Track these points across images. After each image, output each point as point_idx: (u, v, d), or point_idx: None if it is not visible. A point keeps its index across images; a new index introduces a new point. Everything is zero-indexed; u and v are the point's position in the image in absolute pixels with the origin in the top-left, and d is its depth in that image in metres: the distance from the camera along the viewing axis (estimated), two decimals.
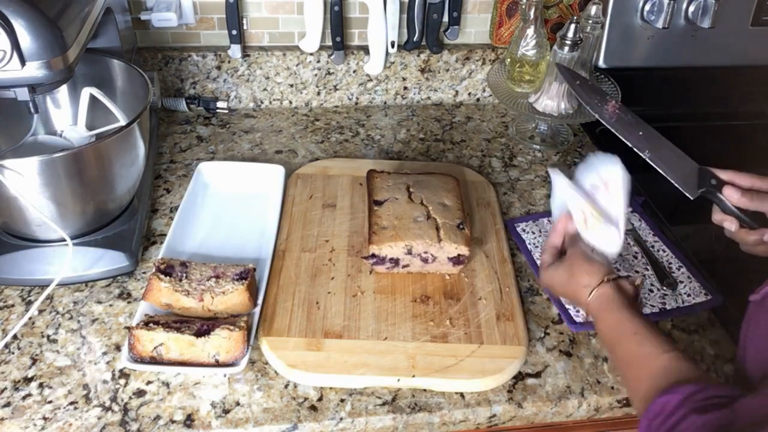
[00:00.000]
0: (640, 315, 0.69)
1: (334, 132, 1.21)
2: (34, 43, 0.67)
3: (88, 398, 0.72)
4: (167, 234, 0.90)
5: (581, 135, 1.23)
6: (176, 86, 1.23)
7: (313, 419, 0.71)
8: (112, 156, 0.82)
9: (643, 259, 0.92)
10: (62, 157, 0.76)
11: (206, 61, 1.21)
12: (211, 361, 0.73)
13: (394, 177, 0.95)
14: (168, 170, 1.08)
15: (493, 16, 1.25)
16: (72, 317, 0.81)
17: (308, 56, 1.22)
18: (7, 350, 0.77)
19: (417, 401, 0.74)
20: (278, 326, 0.79)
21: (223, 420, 0.71)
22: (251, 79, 1.24)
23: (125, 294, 0.85)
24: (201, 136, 1.18)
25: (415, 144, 1.19)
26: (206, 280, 0.80)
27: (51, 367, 0.75)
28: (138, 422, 0.70)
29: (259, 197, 1.00)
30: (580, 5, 1.24)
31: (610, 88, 1.18)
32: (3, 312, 0.82)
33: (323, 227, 0.95)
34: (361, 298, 0.84)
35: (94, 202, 0.84)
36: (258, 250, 0.90)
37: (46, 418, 0.70)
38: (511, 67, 1.19)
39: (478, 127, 1.25)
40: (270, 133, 1.20)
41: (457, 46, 1.27)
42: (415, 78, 1.28)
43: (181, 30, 1.20)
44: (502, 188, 1.08)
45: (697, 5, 1.19)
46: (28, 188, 0.76)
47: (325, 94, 1.27)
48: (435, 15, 1.20)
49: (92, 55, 0.93)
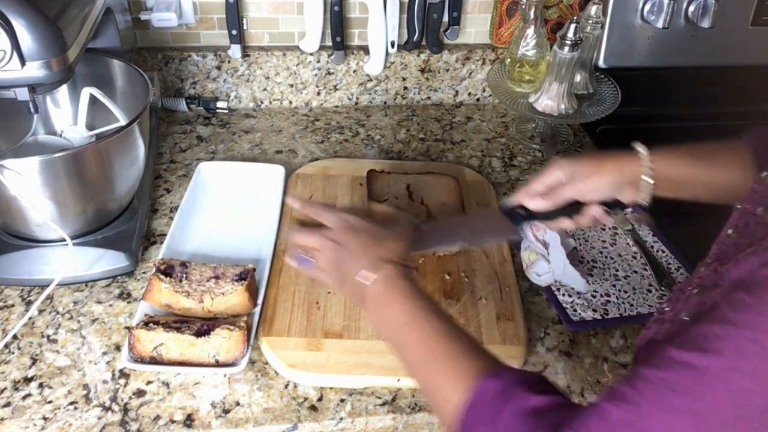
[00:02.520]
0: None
1: (334, 132, 1.21)
2: (34, 43, 0.67)
3: (88, 398, 0.72)
4: (167, 234, 0.90)
5: (581, 135, 1.23)
6: (176, 86, 1.23)
7: (313, 419, 0.71)
8: (112, 156, 0.82)
9: (642, 259, 0.92)
10: (62, 157, 0.76)
11: (206, 61, 1.21)
12: (211, 361, 0.73)
13: (394, 177, 0.95)
14: (168, 170, 1.08)
15: (493, 16, 1.25)
16: (72, 317, 0.81)
17: (308, 56, 1.22)
18: (7, 350, 0.77)
19: (417, 401, 0.74)
20: (278, 326, 0.79)
21: (223, 420, 0.71)
22: (251, 79, 1.24)
23: (125, 294, 0.85)
24: (201, 136, 1.18)
25: (415, 144, 1.19)
26: (206, 280, 0.80)
27: (51, 367, 0.75)
28: (138, 422, 0.70)
29: (259, 197, 1.00)
30: (580, 5, 1.24)
31: (609, 88, 1.18)
32: (3, 312, 0.82)
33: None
34: None
35: (94, 202, 0.84)
36: (258, 250, 0.90)
37: (46, 418, 0.70)
38: (511, 67, 1.19)
39: (478, 127, 1.25)
40: (270, 133, 1.20)
41: (457, 46, 1.27)
42: (415, 78, 1.28)
43: (181, 30, 1.20)
44: (502, 188, 1.08)
45: (697, 5, 1.19)
46: (28, 188, 0.76)
47: (325, 94, 1.27)
48: (435, 15, 1.20)
49: (92, 55, 0.93)
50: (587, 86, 1.16)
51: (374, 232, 0.72)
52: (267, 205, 0.98)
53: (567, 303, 0.85)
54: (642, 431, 0.42)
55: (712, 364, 0.40)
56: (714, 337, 0.40)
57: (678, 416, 0.41)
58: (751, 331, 0.39)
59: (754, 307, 0.40)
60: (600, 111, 1.12)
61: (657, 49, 1.26)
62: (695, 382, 0.40)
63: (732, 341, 0.39)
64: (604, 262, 0.92)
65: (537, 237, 0.85)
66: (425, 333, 0.60)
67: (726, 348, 0.40)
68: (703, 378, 0.40)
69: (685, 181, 0.74)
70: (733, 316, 0.40)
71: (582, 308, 0.85)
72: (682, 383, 0.41)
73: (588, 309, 0.84)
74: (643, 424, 0.42)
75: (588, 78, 1.15)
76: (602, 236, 0.97)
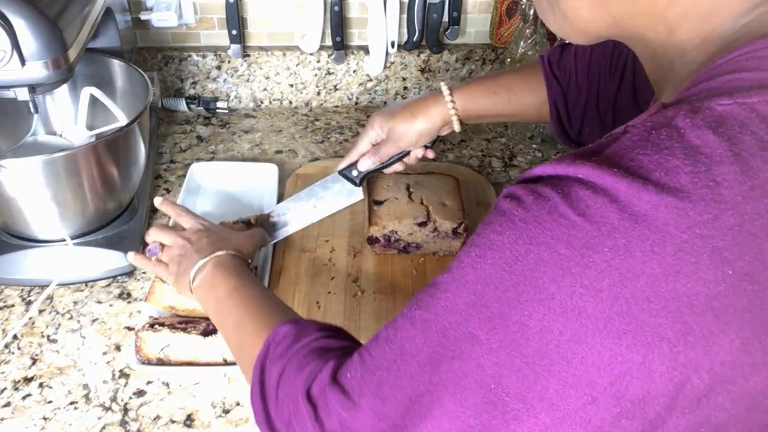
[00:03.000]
0: None
1: (334, 132, 1.21)
2: (34, 43, 0.67)
3: (88, 398, 0.72)
4: None
5: None
6: (176, 86, 1.23)
7: None
8: (112, 156, 0.82)
9: None
10: (62, 157, 0.76)
11: (206, 61, 1.21)
12: (219, 361, 0.73)
13: (394, 177, 0.95)
14: (168, 170, 1.08)
15: (493, 16, 1.25)
16: (72, 317, 0.81)
17: (308, 56, 1.22)
18: (7, 350, 0.77)
19: None
20: None
21: (223, 420, 0.71)
22: (251, 79, 1.24)
23: (125, 294, 0.85)
24: (201, 136, 1.18)
25: None
26: None
27: (51, 367, 0.75)
28: (138, 422, 0.70)
29: (255, 197, 1.00)
30: None
31: None
32: (3, 312, 0.82)
33: (323, 227, 0.95)
34: (361, 298, 0.84)
35: (94, 202, 0.84)
36: None
37: (46, 418, 0.70)
38: (511, 67, 1.18)
39: (478, 127, 1.25)
40: (270, 133, 1.20)
41: (457, 46, 1.27)
42: (415, 78, 1.28)
43: (181, 30, 1.20)
44: (502, 188, 1.07)
45: None
46: (28, 188, 0.76)
47: (325, 94, 1.27)
48: (435, 15, 1.20)
49: (92, 55, 0.93)
50: None
51: (224, 233, 0.78)
52: (263, 204, 0.98)
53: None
54: (392, 342, 0.44)
55: (444, 278, 0.43)
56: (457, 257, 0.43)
57: (415, 326, 0.43)
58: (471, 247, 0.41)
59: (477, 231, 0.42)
60: None
61: None
62: (430, 294, 0.43)
63: (459, 258, 0.42)
64: None
65: None
66: (241, 300, 0.65)
67: (454, 265, 0.42)
68: (436, 290, 0.42)
69: (487, 114, 0.84)
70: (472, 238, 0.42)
71: None
72: (422, 297, 0.44)
73: None
74: (395, 336, 0.44)
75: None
76: None
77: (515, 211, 0.38)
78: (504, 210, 0.39)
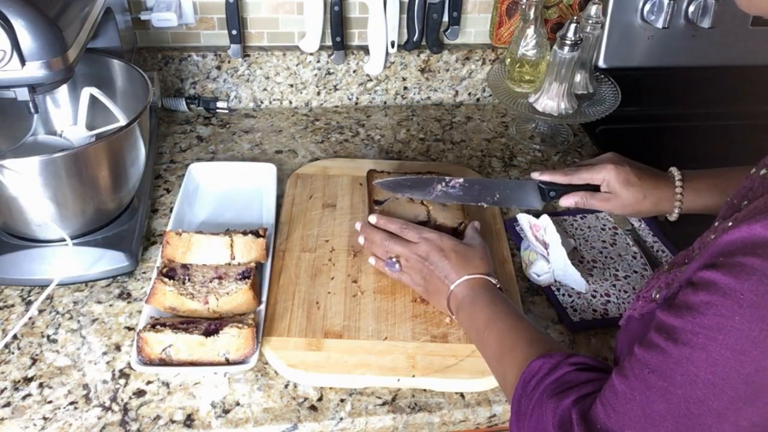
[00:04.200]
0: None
1: (334, 132, 1.21)
2: (34, 43, 0.67)
3: (88, 398, 0.72)
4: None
5: (581, 135, 1.23)
6: (176, 86, 1.23)
7: (313, 419, 0.71)
8: (112, 156, 0.81)
9: (642, 260, 0.92)
10: (62, 157, 0.76)
11: (206, 61, 1.21)
12: (221, 360, 0.73)
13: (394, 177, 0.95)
14: (168, 170, 1.08)
15: (493, 16, 1.25)
16: (72, 317, 0.81)
17: (308, 56, 1.22)
18: (7, 350, 0.77)
19: (417, 401, 0.74)
20: (278, 326, 0.79)
21: (223, 420, 0.71)
22: (251, 79, 1.24)
23: (125, 294, 0.85)
24: (201, 136, 1.18)
25: (415, 144, 1.19)
26: (209, 281, 0.80)
27: (51, 367, 0.75)
28: (138, 422, 0.70)
29: (253, 197, 1.00)
30: (580, 5, 1.24)
31: (610, 88, 1.18)
32: (3, 312, 0.82)
33: (323, 227, 0.95)
34: (361, 298, 0.84)
35: (94, 202, 0.84)
36: None
37: (46, 418, 0.70)
38: (511, 67, 1.19)
39: (478, 127, 1.25)
40: (270, 133, 1.20)
41: (457, 46, 1.27)
42: (415, 78, 1.28)
43: (181, 30, 1.20)
44: None
45: (697, 5, 1.19)
46: (28, 188, 0.76)
47: (325, 94, 1.27)
48: (435, 15, 1.20)
49: (92, 55, 0.93)
50: (587, 86, 1.16)
51: (462, 252, 0.79)
52: (261, 204, 0.98)
53: (567, 303, 0.85)
54: (632, 402, 0.50)
55: (674, 351, 0.47)
56: (673, 329, 0.48)
57: (653, 392, 0.49)
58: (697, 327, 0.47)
59: (696, 308, 0.47)
60: (600, 111, 1.12)
61: (657, 49, 1.26)
62: (663, 363, 0.48)
63: (686, 333, 0.47)
64: (604, 262, 0.92)
65: (537, 237, 0.86)
66: (499, 332, 0.69)
67: (683, 339, 0.47)
68: (668, 361, 0.48)
69: (705, 208, 0.82)
70: (687, 312, 0.48)
71: (582, 308, 0.85)
72: (654, 363, 0.49)
73: (588, 309, 0.85)
74: (633, 396, 0.50)
75: (588, 78, 1.15)
76: (602, 236, 0.97)
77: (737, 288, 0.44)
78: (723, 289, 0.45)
